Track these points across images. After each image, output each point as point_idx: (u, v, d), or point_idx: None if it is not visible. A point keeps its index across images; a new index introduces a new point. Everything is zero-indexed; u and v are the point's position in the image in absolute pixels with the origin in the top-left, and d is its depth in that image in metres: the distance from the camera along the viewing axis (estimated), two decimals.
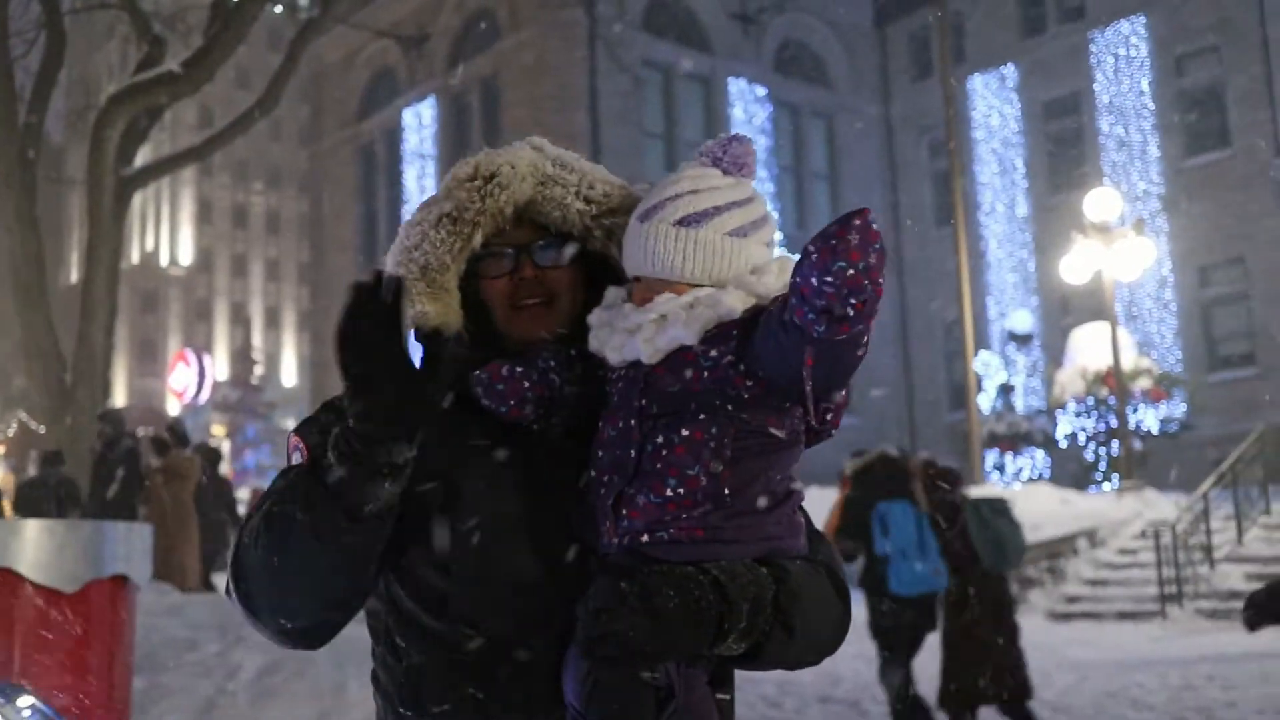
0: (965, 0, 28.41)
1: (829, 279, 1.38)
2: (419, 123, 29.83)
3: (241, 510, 15.29)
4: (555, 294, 1.73)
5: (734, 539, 1.56)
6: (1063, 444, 21.90)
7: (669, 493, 1.54)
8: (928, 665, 7.68)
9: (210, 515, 13.38)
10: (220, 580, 13.63)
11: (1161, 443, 21.83)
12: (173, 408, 34.25)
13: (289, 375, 77.69)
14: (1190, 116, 26.04)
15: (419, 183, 29.70)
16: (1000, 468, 22.59)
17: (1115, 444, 20.35)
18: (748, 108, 28.54)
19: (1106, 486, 20.43)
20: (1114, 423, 20.16)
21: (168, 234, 77.54)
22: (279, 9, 16.53)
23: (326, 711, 5.83)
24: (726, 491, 1.55)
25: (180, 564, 11.87)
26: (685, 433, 1.55)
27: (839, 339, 1.44)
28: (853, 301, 1.39)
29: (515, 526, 1.63)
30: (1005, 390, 23.96)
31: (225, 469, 23.76)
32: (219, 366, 58.61)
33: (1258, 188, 24.51)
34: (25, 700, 2.75)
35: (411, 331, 1.68)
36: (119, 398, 54.67)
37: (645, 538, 1.55)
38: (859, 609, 4.58)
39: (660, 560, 1.53)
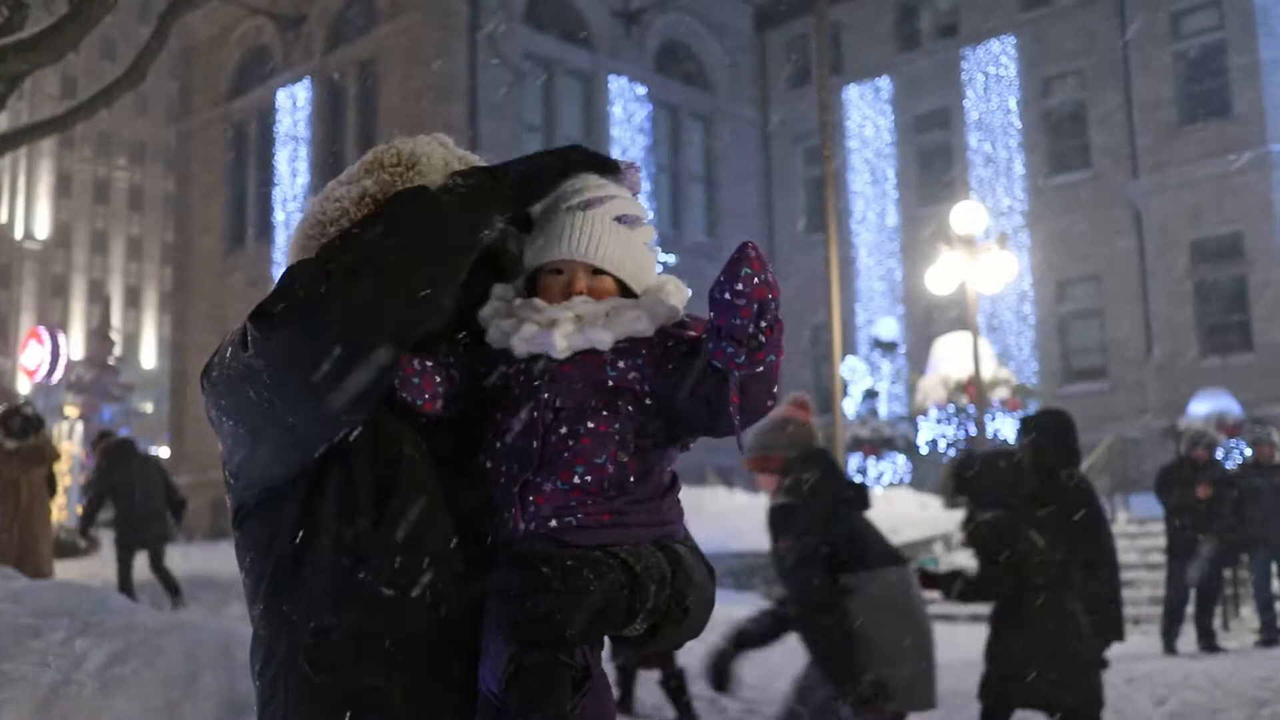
0: (844, 12, 28.90)
1: (740, 287, 1.49)
2: (293, 105, 29.23)
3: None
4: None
5: (636, 523, 1.64)
6: (924, 450, 22.43)
7: (576, 480, 1.61)
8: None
9: (149, 501, 12.55)
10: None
11: None
12: (23, 386, 33.05)
13: (149, 357, 75.52)
14: (1054, 136, 26.90)
15: (291, 165, 29.10)
16: (863, 471, 23.04)
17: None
18: (627, 106, 28.63)
19: None
20: (973, 431, 20.71)
21: (23, 206, 74.73)
22: None
23: (177, 701, 5.69)
24: (631, 479, 1.63)
25: (35, 551, 11.44)
26: (591, 425, 1.62)
27: (758, 371, 1.55)
28: (763, 323, 1.51)
29: (440, 506, 1.66)
30: (870, 396, 24.44)
31: (78, 451, 22.98)
32: (74, 345, 56.72)
33: (1114, 208, 25.43)
34: None
35: None
36: None
37: (554, 523, 1.60)
38: None
39: (569, 544, 1.58)
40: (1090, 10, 26.34)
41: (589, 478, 1.61)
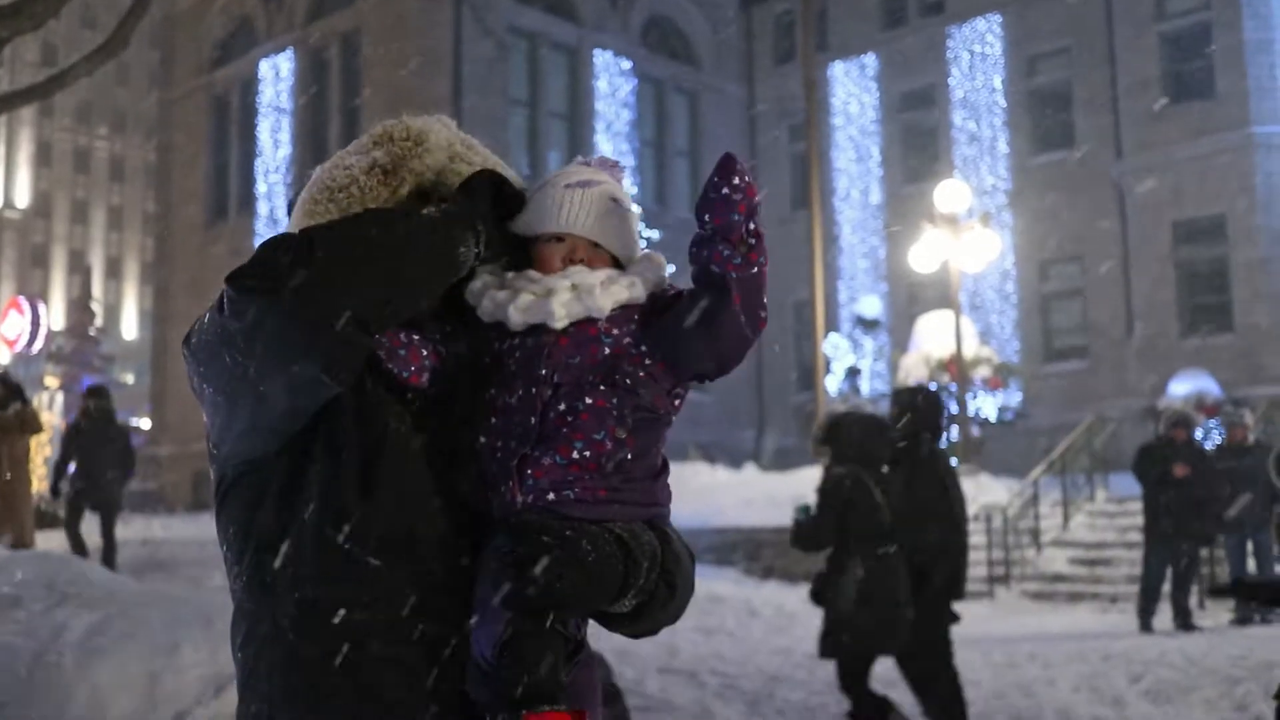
0: None
1: (736, 181, 1.58)
2: (276, 75, 29.03)
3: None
4: None
5: (631, 500, 1.67)
6: None
7: (575, 455, 1.64)
8: None
9: (106, 465, 12.48)
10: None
11: (997, 429, 22.59)
12: (3, 356, 32.87)
13: (130, 328, 75.18)
14: (1039, 115, 26.91)
15: (273, 136, 28.93)
16: None
17: (954, 429, 21.00)
18: (612, 80, 28.53)
19: None
20: (954, 409, 20.78)
21: (2, 175, 74.13)
22: None
23: (158, 672, 5.69)
24: (629, 456, 1.66)
25: (16, 521, 11.40)
26: (589, 401, 1.65)
27: (751, 273, 1.61)
28: (752, 224, 1.59)
29: (426, 479, 1.68)
30: (852, 373, 24.49)
31: (58, 422, 22.87)
32: (55, 316, 56.39)
33: (1098, 189, 25.48)
34: None
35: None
36: None
37: (552, 496, 1.63)
38: None
39: (566, 517, 1.61)
40: None
41: (587, 453, 1.63)
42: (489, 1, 26.15)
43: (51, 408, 24.35)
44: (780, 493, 16.31)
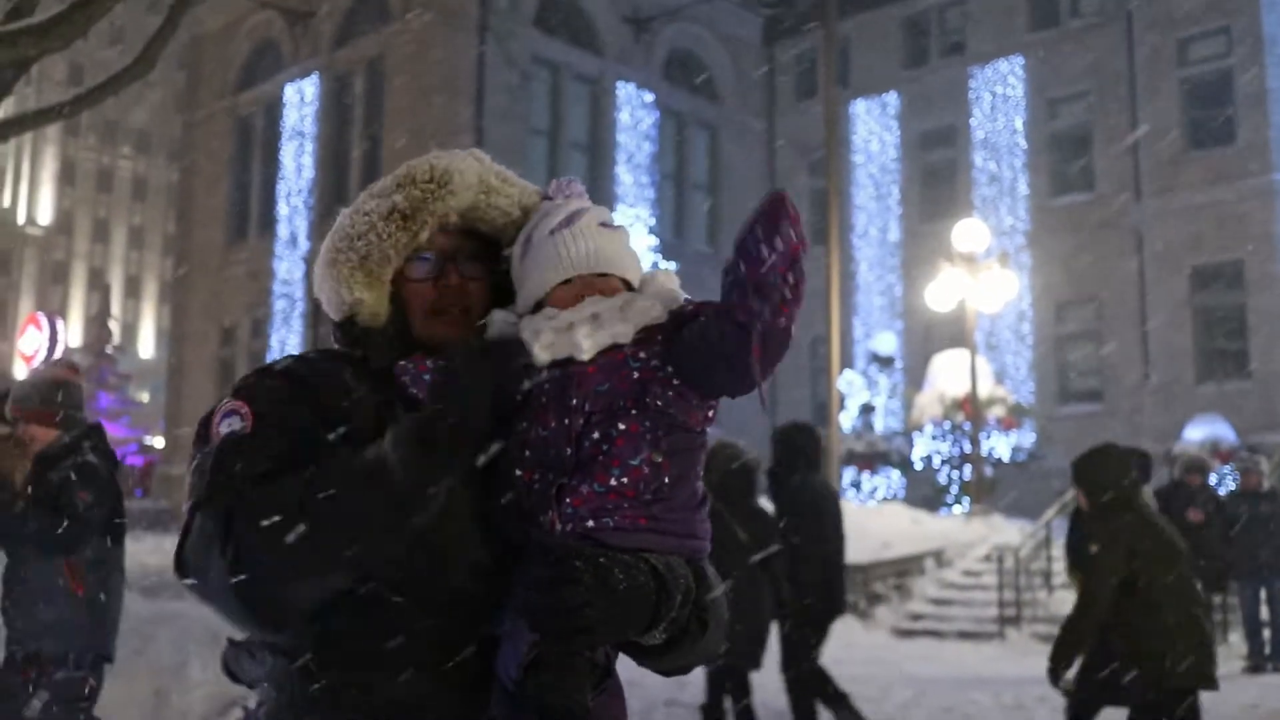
0: (852, 26, 28.94)
1: (778, 242, 1.48)
2: (300, 100, 29.25)
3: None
4: (473, 303, 1.78)
5: (670, 531, 1.65)
6: (918, 465, 22.45)
7: (613, 482, 1.62)
8: None
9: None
10: None
11: (1011, 470, 22.51)
12: (20, 372, 33.02)
13: (147, 347, 75.48)
14: (1059, 158, 26.94)
15: (296, 160, 29.11)
16: (857, 485, 23.06)
17: (967, 469, 20.93)
18: (634, 112, 28.66)
19: (957, 509, 20.99)
20: (967, 448, 20.73)
21: (26, 192, 74.69)
22: None
23: (165, 690, 5.69)
24: (667, 481, 1.64)
25: None
26: (622, 427, 1.63)
27: (780, 324, 1.55)
28: (791, 277, 1.51)
29: (453, 508, 1.65)
30: (866, 410, 24.46)
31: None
32: (73, 333, 56.67)
33: (1116, 232, 25.46)
34: None
35: (343, 318, 1.80)
36: None
37: (591, 524, 1.61)
38: None
39: (603, 545, 1.59)
40: (1098, 34, 26.40)
41: (625, 479, 1.62)
42: (513, 31, 26.33)
43: None
44: None
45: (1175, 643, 5.44)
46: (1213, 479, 14.13)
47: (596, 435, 1.63)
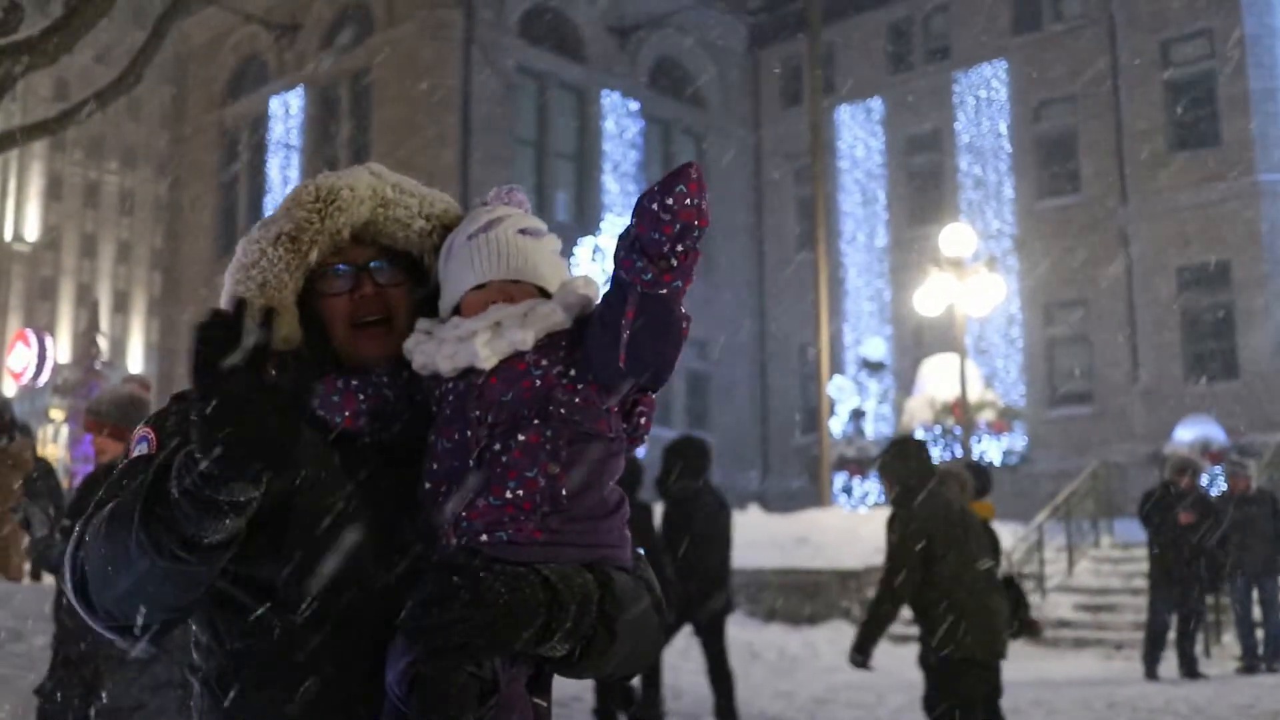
0: (837, 32, 29.02)
1: (670, 201, 1.47)
2: (286, 112, 29.23)
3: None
4: (394, 312, 1.78)
5: (570, 543, 1.62)
6: None
7: (508, 495, 1.60)
8: None
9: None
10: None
11: (1002, 474, 22.51)
12: (9, 389, 32.89)
13: (136, 362, 75.25)
14: (1044, 161, 27.03)
15: (283, 173, 29.08)
16: (848, 490, 23.07)
17: None
18: (620, 121, 28.68)
19: None
20: (959, 452, 20.75)
21: (13, 208, 74.49)
22: None
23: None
24: (564, 492, 1.61)
25: (7, 553, 11.35)
26: (521, 438, 1.61)
27: (660, 294, 1.52)
28: (680, 247, 1.48)
29: (347, 526, 1.67)
30: (856, 415, 24.48)
31: (62, 455, 22.86)
32: (61, 349, 56.50)
33: (1103, 233, 25.53)
34: None
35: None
36: None
37: (484, 537, 1.59)
38: None
39: (497, 560, 1.57)
40: (1082, 36, 26.50)
41: (520, 492, 1.60)
42: (498, 42, 26.35)
43: (56, 440, 24.32)
44: (784, 535, 16.26)
45: (961, 619, 6.10)
46: (1203, 480, 14.17)
47: (497, 447, 1.61)
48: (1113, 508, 17.61)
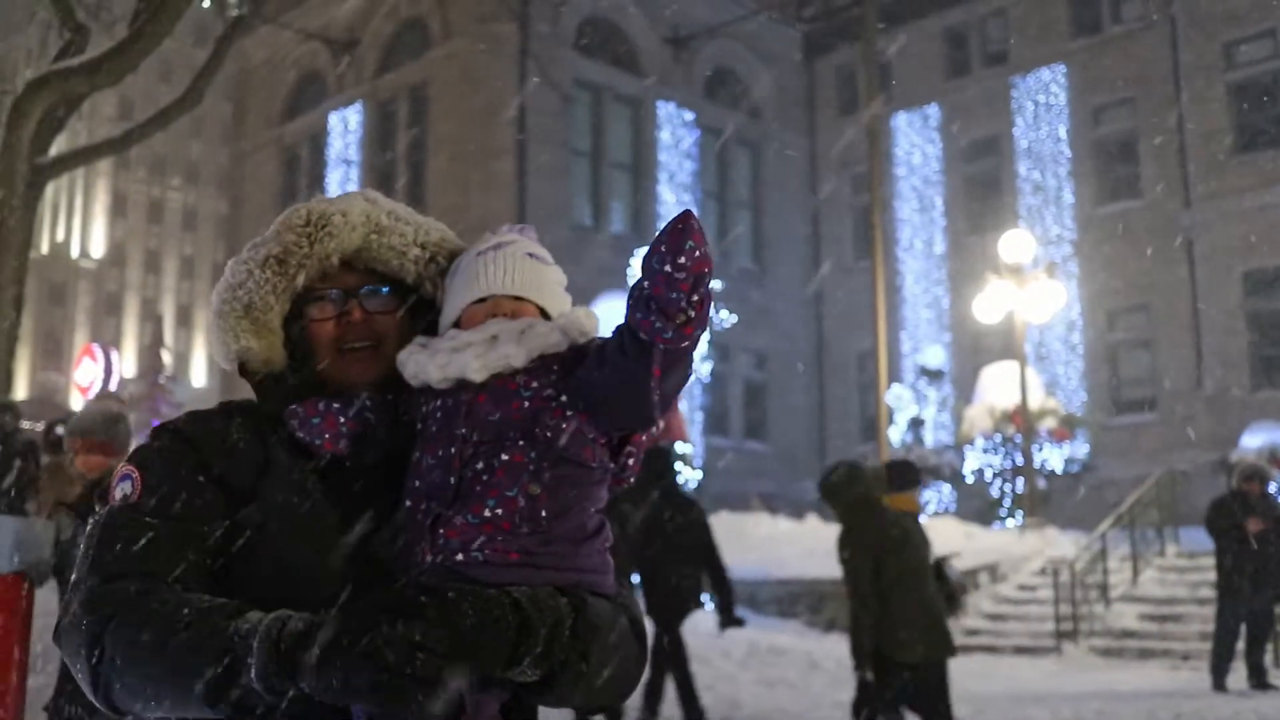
0: (892, 39, 28.88)
1: (682, 260, 1.44)
2: (345, 128, 29.58)
3: None
4: (383, 339, 1.77)
5: (547, 565, 1.59)
6: (969, 479, 22.27)
7: (487, 513, 1.58)
8: None
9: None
10: None
11: (1064, 482, 22.27)
12: (76, 403, 33.50)
13: (199, 376, 76.35)
14: (1104, 165, 26.71)
15: (342, 188, 29.40)
16: None
17: (1020, 481, 20.74)
18: (675, 132, 28.72)
19: (1010, 523, 20.79)
20: (1019, 460, 20.54)
21: (79, 226, 75.93)
22: (207, 4, 16.34)
23: None
24: (544, 514, 1.59)
25: None
26: (505, 457, 1.60)
27: (682, 345, 1.51)
28: (695, 297, 1.46)
29: (315, 557, 1.64)
30: (915, 424, 24.30)
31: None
32: (127, 363, 57.43)
33: (1165, 238, 25.18)
34: None
35: (236, 367, 1.79)
36: (20, 390, 53.25)
37: (460, 556, 1.57)
38: None
39: (472, 580, 1.54)
40: (1141, 39, 26.18)
41: (499, 511, 1.58)
42: (554, 55, 26.49)
43: None
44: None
45: (900, 623, 6.69)
46: (1272, 487, 13.92)
47: (480, 465, 1.60)
48: (1178, 516, 17.34)
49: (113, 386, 30.67)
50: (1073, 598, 14.76)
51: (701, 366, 19.23)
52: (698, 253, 1.45)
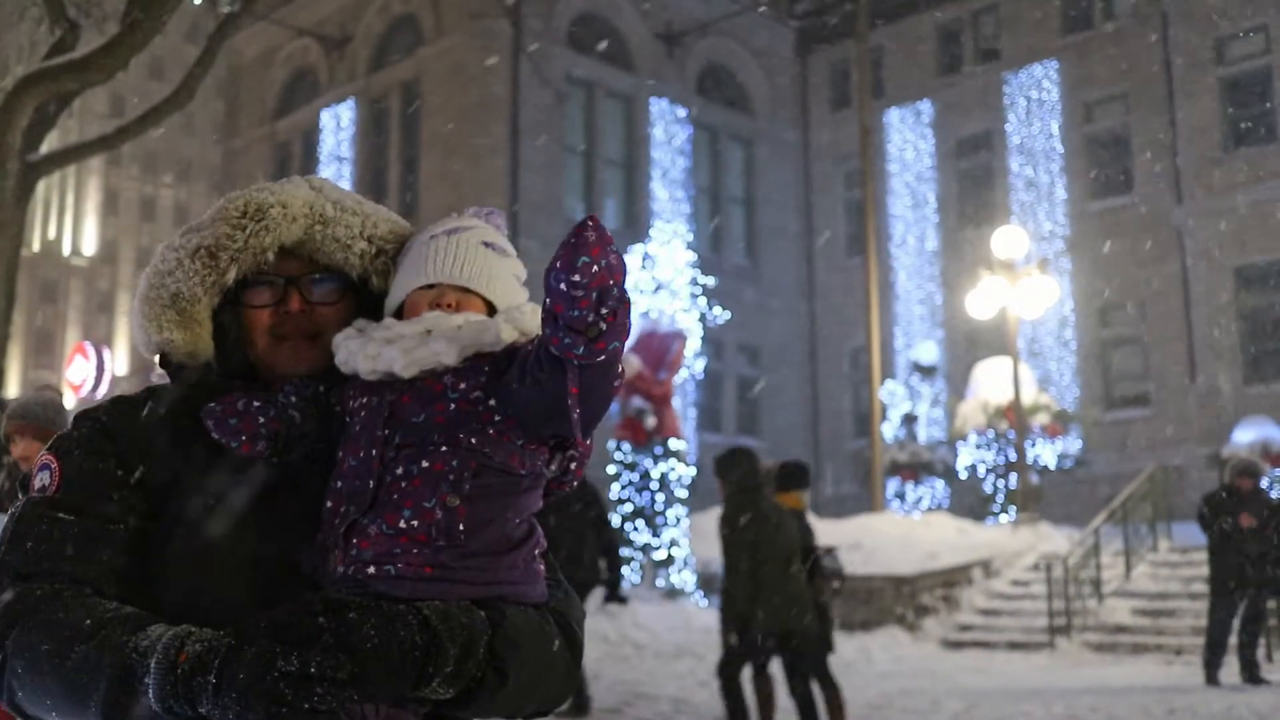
0: (885, 35, 28.89)
1: (576, 278, 1.36)
2: (337, 124, 29.52)
3: None
4: (322, 330, 1.70)
5: (462, 580, 1.52)
6: (962, 475, 22.28)
7: (402, 524, 1.51)
8: None
9: None
10: None
11: (1057, 478, 22.29)
12: (68, 401, 33.43)
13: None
14: (1096, 161, 26.74)
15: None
16: (901, 496, 22.91)
17: (1013, 477, 20.75)
18: (668, 128, 28.71)
19: (1003, 518, 20.81)
20: (1013, 456, 20.55)
21: (71, 223, 75.77)
22: (198, 0, 16.29)
23: None
24: (461, 528, 1.52)
25: None
26: (425, 464, 1.53)
27: (598, 361, 1.43)
28: (604, 310, 1.39)
29: (232, 556, 1.59)
30: (908, 420, 24.30)
31: None
32: (119, 361, 57.32)
33: (1158, 234, 25.23)
34: None
35: (156, 358, 1.73)
36: (11, 388, 53.14)
37: (371, 569, 1.50)
38: None
39: (382, 595, 1.48)
40: (1133, 35, 26.21)
41: (415, 522, 1.50)
42: (547, 51, 26.46)
43: None
44: (836, 540, 16.17)
45: (765, 599, 7.36)
46: (1264, 482, 13.95)
47: (400, 470, 1.52)
48: (1170, 511, 17.38)
49: (104, 385, 30.58)
50: (1066, 593, 14.79)
51: (695, 363, 19.18)
52: (595, 266, 1.37)
